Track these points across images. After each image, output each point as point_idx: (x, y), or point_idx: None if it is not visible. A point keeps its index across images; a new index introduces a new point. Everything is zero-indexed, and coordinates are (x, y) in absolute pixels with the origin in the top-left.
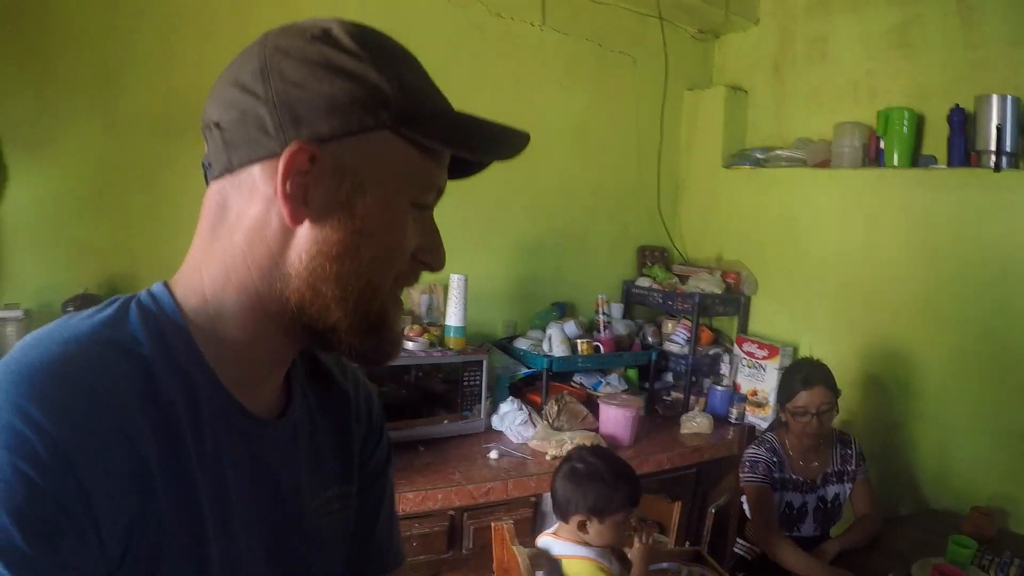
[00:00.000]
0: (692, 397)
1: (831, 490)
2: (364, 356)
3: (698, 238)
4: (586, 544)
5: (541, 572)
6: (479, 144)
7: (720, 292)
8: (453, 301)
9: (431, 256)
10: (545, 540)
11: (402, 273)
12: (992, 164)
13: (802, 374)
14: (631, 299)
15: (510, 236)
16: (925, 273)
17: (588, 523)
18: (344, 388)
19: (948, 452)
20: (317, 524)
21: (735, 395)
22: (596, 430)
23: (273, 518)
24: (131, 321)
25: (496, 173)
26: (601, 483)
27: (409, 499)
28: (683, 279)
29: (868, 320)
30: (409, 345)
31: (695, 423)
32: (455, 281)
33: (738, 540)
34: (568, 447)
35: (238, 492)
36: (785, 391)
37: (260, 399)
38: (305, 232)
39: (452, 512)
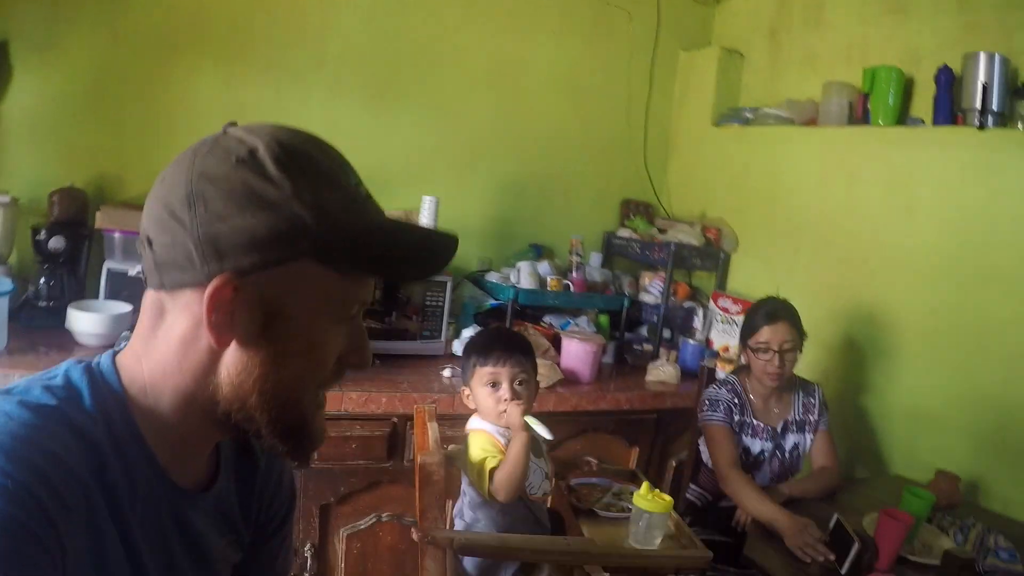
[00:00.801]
0: (664, 350)
1: (790, 439)
2: (285, 453)
3: (683, 195)
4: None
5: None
6: (396, 269)
7: (699, 245)
8: (424, 223)
9: (356, 358)
10: (470, 420)
11: (326, 379)
12: (977, 122)
13: (766, 309)
14: (611, 250)
15: (492, 173)
16: (904, 232)
17: (467, 390)
18: (257, 460)
19: (919, 418)
20: (217, 563)
21: (707, 350)
22: (557, 364)
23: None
24: (84, 400)
25: (482, 110)
26: (472, 347)
27: (352, 399)
28: (664, 232)
29: (845, 279)
30: None
31: (661, 371)
32: (426, 202)
33: (690, 486)
34: None
35: (179, 559)
36: (748, 327)
37: (191, 472)
38: (231, 353)
39: (395, 419)
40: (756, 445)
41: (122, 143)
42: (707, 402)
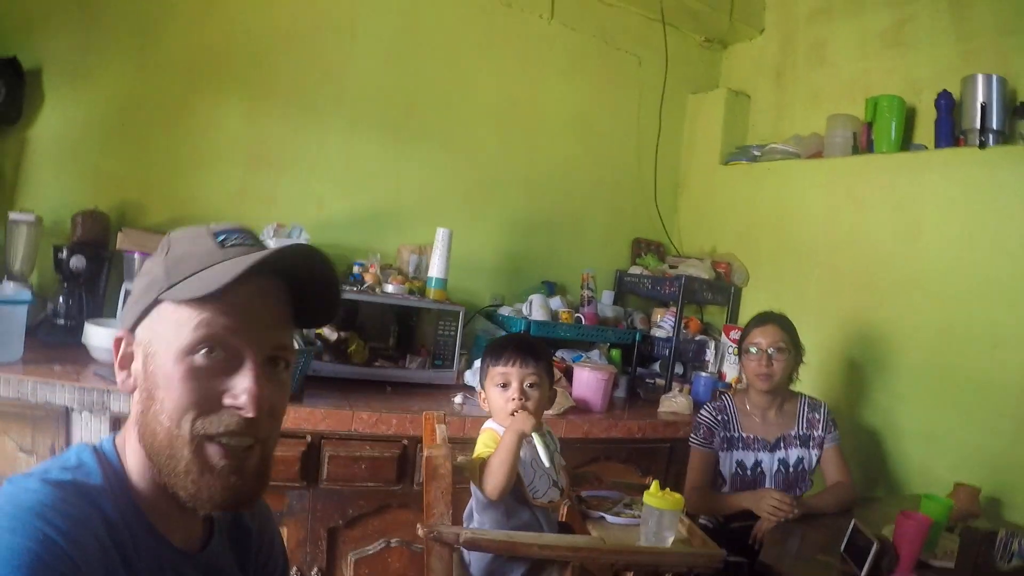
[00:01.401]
0: (676, 384)
1: (793, 453)
2: (209, 501)
3: (694, 232)
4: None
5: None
6: (220, 287)
7: (709, 279)
8: (436, 254)
9: (236, 400)
10: (485, 423)
11: (208, 416)
12: (978, 142)
13: (758, 315)
14: (623, 287)
15: (505, 211)
16: (912, 255)
17: (482, 392)
18: (249, 525)
19: (935, 435)
20: None
21: (719, 383)
22: (569, 393)
23: None
24: (93, 476)
25: (494, 149)
26: (487, 350)
27: (363, 419)
28: (674, 268)
29: (855, 305)
30: (389, 288)
31: (674, 402)
32: (440, 235)
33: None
34: None
35: None
36: (742, 335)
37: (186, 533)
38: (133, 399)
39: (405, 441)
40: (750, 458)
41: (146, 171)
42: (693, 425)
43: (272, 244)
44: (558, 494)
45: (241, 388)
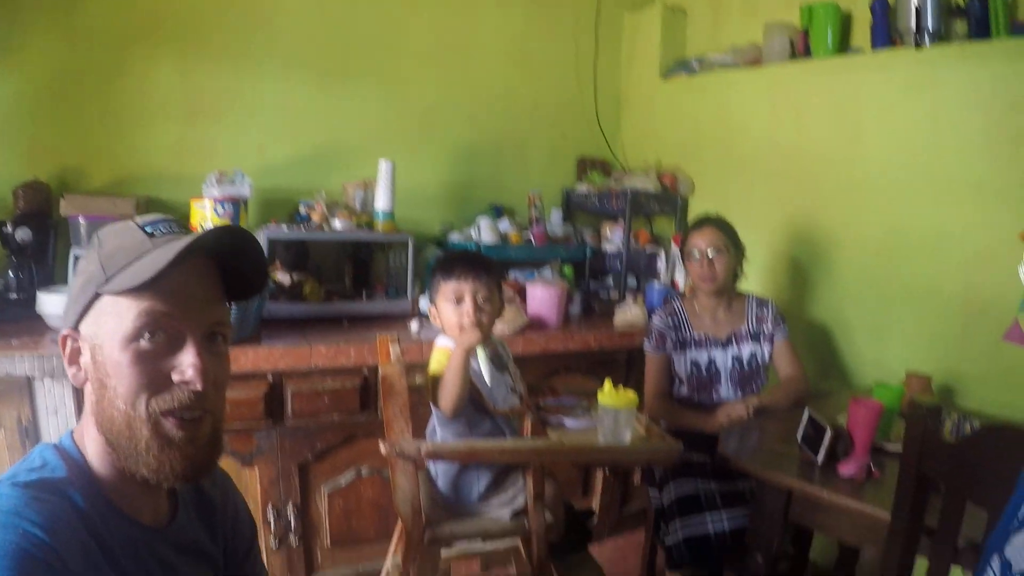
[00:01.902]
0: (630, 295)
1: (745, 349)
2: (172, 472)
3: (638, 148)
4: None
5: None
6: (154, 274)
7: (655, 191)
8: (381, 186)
9: (183, 376)
10: (437, 338)
11: (160, 395)
12: (914, 42)
13: (696, 219)
14: (571, 206)
15: (448, 138)
16: (854, 157)
17: (434, 308)
18: (212, 495)
19: (884, 328)
20: None
21: (672, 291)
22: (524, 312)
23: None
24: (59, 471)
25: (432, 80)
26: (438, 265)
27: (322, 353)
28: (620, 183)
29: (800, 209)
30: (337, 225)
31: (628, 313)
32: (383, 167)
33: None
34: None
35: None
36: (683, 240)
37: (153, 511)
38: (86, 391)
39: (366, 371)
40: (703, 356)
41: (83, 136)
42: (647, 332)
43: (216, 192)
44: (517, 400)
45: (187, 364)
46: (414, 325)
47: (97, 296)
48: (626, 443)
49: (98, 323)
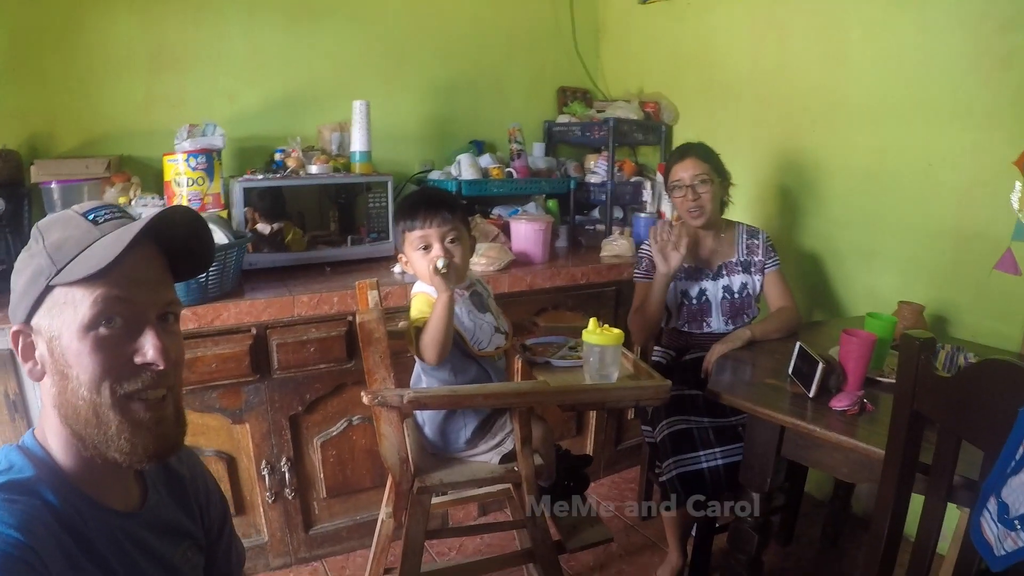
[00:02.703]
0: (616, 228)
1: (736, 280)
2: (144, 454)
3: (619, 76)
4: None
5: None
6: (112, 260)
7: (638, 119)
8: (356, 127)
9: (146, 357)
10: (415, 285)
11: (124, 379)
12: None
13: (676, 149)
14: (553, 138)
15: (423, 76)
16: (841, 78)
17: (403, 257)
18: (180, 472)
19: (875, 255)
20: (184, 569)
21: (659, 221)
22: (509, 249)
23: None
24: (25, 470)
25: (403, 15)
26: (399, 212)
27: (304, 302)
28: (603, 113)
29: (787, 133)
30: (313, 170)
31: (615, 245)
32: (357, 107)
33: (654, 348)
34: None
35: (151, 573)
36: (666, 172)
37: (124, 496)
38: (45, 385)
39: (350, 317)
40: (694, 287)
41: (48, 100)
42: (636, 260)
43: (188, 145)
44: (503, 339)
45: (148, 346)
46: (397, 268)
47: (49, 289)
48: (613, 381)
49: (52, 315)
